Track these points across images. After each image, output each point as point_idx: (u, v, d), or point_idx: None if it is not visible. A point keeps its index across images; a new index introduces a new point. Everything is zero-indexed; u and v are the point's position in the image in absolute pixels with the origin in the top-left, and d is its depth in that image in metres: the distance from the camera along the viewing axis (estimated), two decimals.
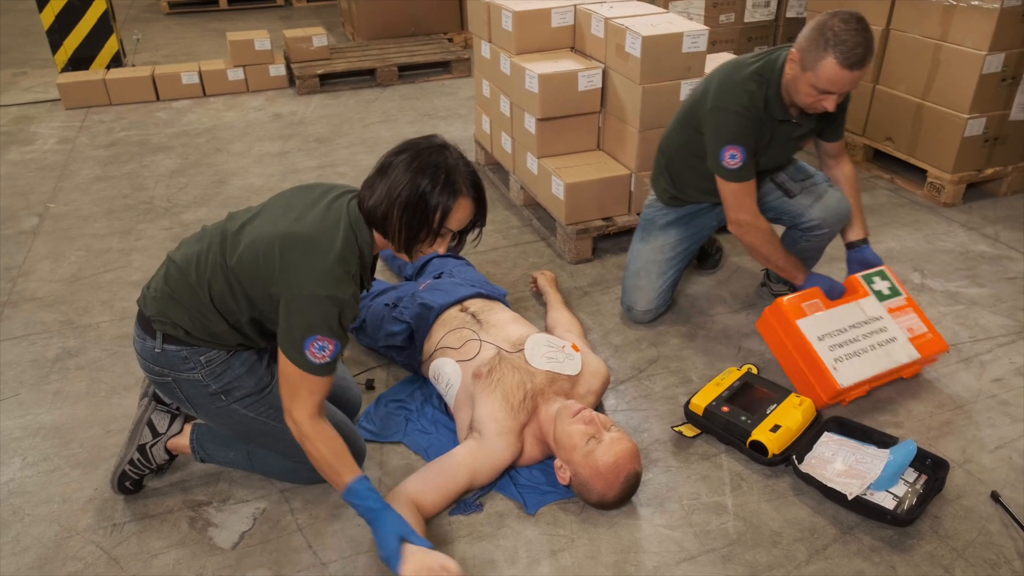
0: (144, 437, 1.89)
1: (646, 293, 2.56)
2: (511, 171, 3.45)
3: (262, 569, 1.75)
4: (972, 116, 3.24)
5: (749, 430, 2.01)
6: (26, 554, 1.80)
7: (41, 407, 2.27)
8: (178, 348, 1.73)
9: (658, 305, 2.58)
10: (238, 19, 7.11)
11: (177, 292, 1.71)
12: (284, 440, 1.82)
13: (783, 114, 2.21)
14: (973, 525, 1.84)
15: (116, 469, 1.88)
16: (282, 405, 1.67)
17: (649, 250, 2.57)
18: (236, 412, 1.80)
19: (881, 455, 1.92)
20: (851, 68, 1.95)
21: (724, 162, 2.20)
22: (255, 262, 1.63)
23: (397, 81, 5.25)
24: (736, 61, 2.25)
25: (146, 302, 1.76)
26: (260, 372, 1.81)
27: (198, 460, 1.94)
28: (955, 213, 3.37)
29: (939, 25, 3.28)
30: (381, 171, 1.63)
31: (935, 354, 2.28)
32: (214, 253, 1.69)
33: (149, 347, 1.74)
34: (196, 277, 1.70)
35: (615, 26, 2.89)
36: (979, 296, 2.76)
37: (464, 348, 2.11)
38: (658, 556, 1.77)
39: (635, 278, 2.57)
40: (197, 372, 1.75)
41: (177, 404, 1.88)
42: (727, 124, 2.17)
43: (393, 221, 1.60)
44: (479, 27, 3.49)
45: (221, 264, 1.68)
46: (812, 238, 2.46)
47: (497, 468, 1.91)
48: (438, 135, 1.72)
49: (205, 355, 1.74)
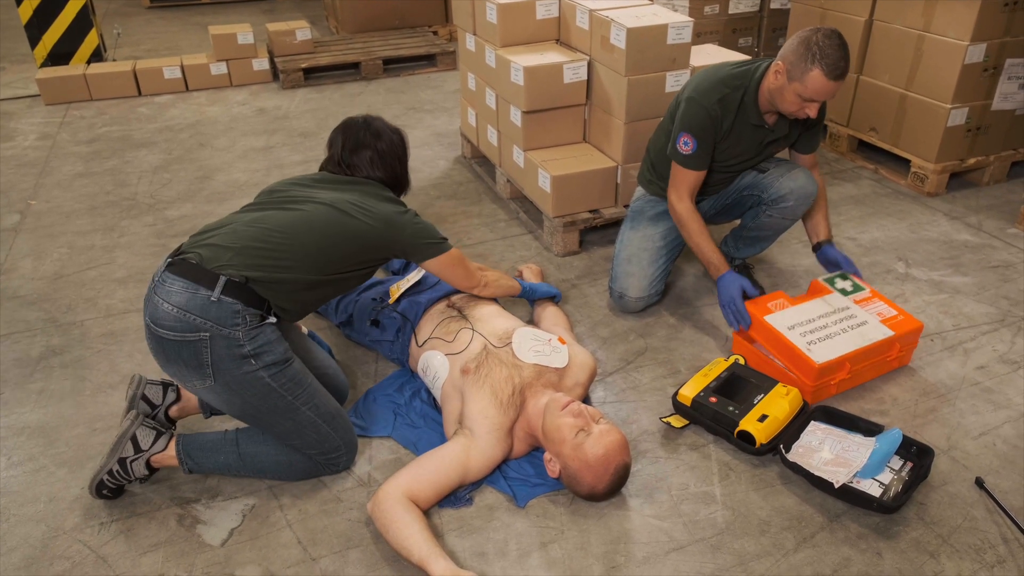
0: (126, 451, 1.85)
1: (638, 280, 2.57)
2: (497, 164, 3.44)
3: (251, 565, 1.75)
4: (955, 106, 3.27)
5: (737, 420, 2.02)
6: (13, 554, 1.78)
7: (25, 406, 2.24)
8: (233, 300, 1.73)
9: (650, 294, 2.59)
10: (220, 13, 7.04)
11: (258, 239, 1.81)
12: (295, 419, 1.84)
13: (757, 119, 2.36)
14: (958, 511, 1.86)
15: (95, 476, 1.85)
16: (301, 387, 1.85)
17: (640, 238, 2.59)
18: (259, 381, 1.77)
19: (867, 443, 1.94)
20: (835, 79, 2.14)
21: (678, 145, 2.38)
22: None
23: (382, 75, 5.23)
24: (720, 64, 2.42)
25: (210, 252, 1.78)
26: (285, 344, 1.84)
27: (186, 471, 1.89)
28: (938, 203, 3.39)
29: (921, 16, 3.30)
30: (358, 148, 2.07)
31: (909, 332, 2.31)
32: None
33: (201, 297, 1.71)
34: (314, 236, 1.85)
35: (600, 18, 2.88)
36: (962, 285, 2.79)
37: (455, 341, 2.11)
38: (648, 546, 1.78)
39: (626, 264, 2.58)
40: (240, 329, 1.73)
41: (189, 373, 1.76)
42: (692, 113, 2.33)
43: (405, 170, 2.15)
44: (464, 20, 3.48)
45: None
46: (776, 212, 2.51)
47: (489, 465, 1.91)
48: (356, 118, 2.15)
49: (250, 313, 1.75)
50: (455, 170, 3.81)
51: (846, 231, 3.15)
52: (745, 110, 2.33)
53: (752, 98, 2.32)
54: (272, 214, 1.89)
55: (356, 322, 2.42)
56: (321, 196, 1.93)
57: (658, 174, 2.57)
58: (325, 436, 1.89)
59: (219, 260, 1.76)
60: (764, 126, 2.38)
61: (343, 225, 1.88)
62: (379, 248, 1.96)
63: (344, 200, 1.92)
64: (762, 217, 2.55)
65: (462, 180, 3.70)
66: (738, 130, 2.36)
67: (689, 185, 2.41)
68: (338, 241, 1.88)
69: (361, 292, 2.46)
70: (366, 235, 1.91)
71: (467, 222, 3.29)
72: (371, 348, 2.43)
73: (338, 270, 1.90)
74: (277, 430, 1.87)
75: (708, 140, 2.33)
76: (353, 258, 1.92)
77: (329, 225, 1.87)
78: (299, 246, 1.83)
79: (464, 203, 3.46)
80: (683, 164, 2.38)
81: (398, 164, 2.13)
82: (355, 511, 1.87)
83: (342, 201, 1.92)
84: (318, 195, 1.94)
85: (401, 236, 1.96)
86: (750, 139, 2.40)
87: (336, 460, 1.94)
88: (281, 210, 1.90)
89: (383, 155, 2.08)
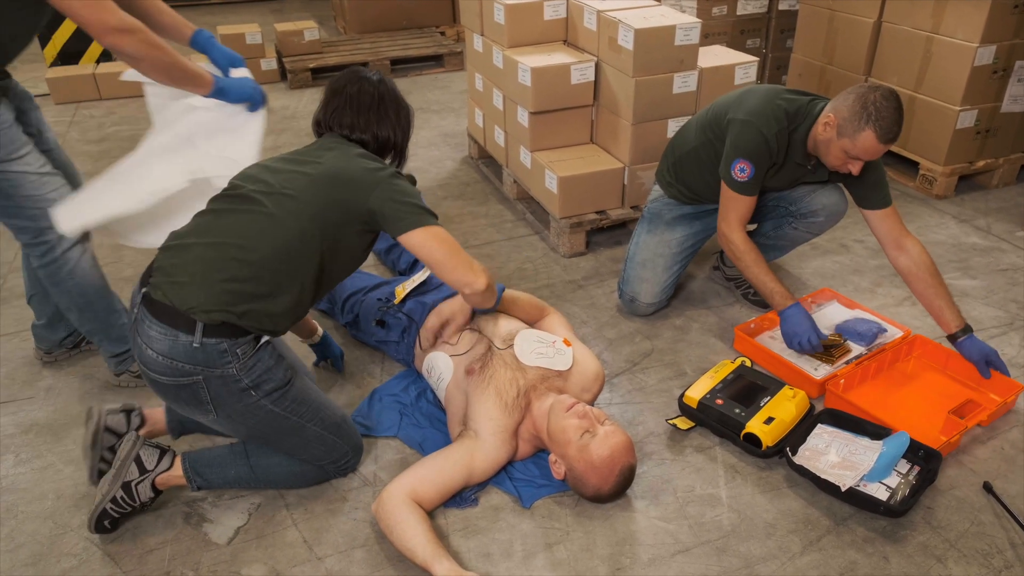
0: (131, 474, 1.77)
1: (651, 286, 2.55)
2: (504, 165, 3.44)
3: (257, 564, 1.75)
4: (964, 108, 3.25)
5: (743, 422, 2.02)
6: (20, 551, 1.79)
7: (34, 404, 2.26)
8: (218, 340, 1.63)
9: (662, 300, 2.58)
10: (229, 13, 7.06)
11: (225, 270, 1.64)
12: (301, 436, 1.82)
13: (801, 159, 2.29)
14: (966, 516, 1.85)
15: (96, 507, 1.75)
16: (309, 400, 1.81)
17: (656, 242, 2.56)
18: (263, 409, 1.73)
19: (874, 447, 1.93)
20: (886, 143, 2.07)
21: (733, 171, 2.27)
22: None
23: (389, 75, 5.23)
24: (776, 89, 2.30)
25: (179, 292, 1.62)
26: (284, 364, 1.78)
27: (195, 488, 1.85)
28: (947, 205, 3.38)
29: (931, 17, 3.29)
30: (376, 107, 1.88)
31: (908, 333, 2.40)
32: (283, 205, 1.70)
33: (183, 344, 1.62)
34: (261, 240, 1.67)
35: (608, 19, 2.88)
36: (971, 288, 2.77)
37: (460, 342, 2.11)
38: (653, 548, 1.77)
39: (640, 269, 2.56)
40: (233, 366, 1.65)
41: (190, 410, 1.73)
42: (750, 139, 2.23)
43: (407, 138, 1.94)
44: (471, 20, 3.48)
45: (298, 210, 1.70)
46: (802, 225, 2.48)
47: (493, 467, 1.91)
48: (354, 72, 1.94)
49: (240, 347, 1.66)
50: (462, 170, 3.81)
51: (853, 234, 3.14)
52: (793, 148, 2.26)
53: (802, 138, 2.24)
54: (230, 223, 1.70)
55: (362, 322, 2.43)
56: (289, 181, 1.73)
57: (679, 177, 2.51)
58: (332, 446, 1.89)
59: (189, 303, 1.62)
60: (806, 166, 2.32)
61: (308, 215, 1.70)
62: (350, 214, 1.73)
63: (310, 180, 1.72)
64: (786, 228, 2.51)
65: (469, 180, 3.70)
66: (781, 164, 2.29)
67: (741, 213, 2.32)
68: (306, 229, 1.69)
69: (367, 292, 2.46)
70: (337, 205, 1.72)
71: (474, 222, 3.29)
72: (377, 348, 2.43)
73: (316, 268, 1.73)
74: (285, 447, 1.85)
75: (763, 168, 2.25)
76: (330, 244, 1.73)
77: (290, 216, 1.69)
78: (266, 262, 1.66)
79: (471, 204, 3.47)
80: (738, 190, 2.28)
81: (400, 134, 1.91)
82: (360, 511, 1.88)
83: (310, 181, 1.72)
84: (286, 181, 1.74)
85: (374, 192, 1.72)
86: (789, 175, 2.34)
87: (345, 466, 1.95)
88: (241, 213, 1.71)
89: (382, 117, 1.87)
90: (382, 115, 1.88)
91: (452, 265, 1.80)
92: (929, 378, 2.30)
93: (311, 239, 1.70)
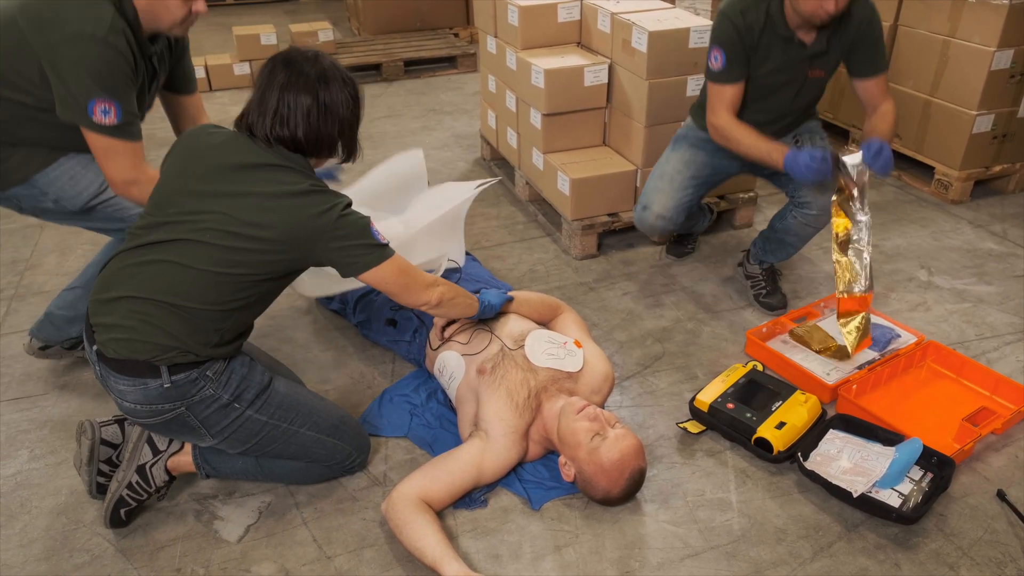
0: (144, 456, 1.80)
1: (665, 197, 2.54)
2: (516, 166, 3.45)
3: (267, 562, 1.76)
4: (980, 113, 3.23)
5: (754, 427, 2.01)
6: (33, 546, 1.81)
7: (48, 400, 2.28)
8: (186, 374, 1.63)
9: (672, 216, 2.55)
10: (244, 13, 7.10)
11: (162, 322, 1.60)
12: (297, 442, 1.82)
13: (786, 30, 2.27)
14: (979, 523, 1.84)
15: (112, 496, 1.77)
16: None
17: (677, 159, 2.56)
18: (251, 420, 1.74)
19: (887, 453, 1.91)
20: None
21: (709, 61, 2.33)
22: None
23: (403, 76, 5.25)
24: None
25: (129, 346, 1.59)
26: (258, 368, 1.78)
27: (203, 476, 1.88)
28: (962, 210, 3.35)
29: (947, 21, 3.26)
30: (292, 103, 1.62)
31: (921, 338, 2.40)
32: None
33: (155, 388, 1.62)
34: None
35: (621, 21, 2.88)
36: (986, 294, 2.75)
37: (472, 342, 2.11)
38: (662, 552, 1.77)
39: (658, 180, 2.57)
40: (208, 388, 1.66)
41: (186, 437, 1.77)
42: (718, 26, 2.29)
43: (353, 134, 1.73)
44: (485, 22, 3.48)
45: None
46: (799, 216, 2.47)
47: (503, 468, 1.91)
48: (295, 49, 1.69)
49: (210, 369, 1.67)
50: (474, 172, 3.82)
51: None
52: (772, 22, 2.25)
53: (778, 9, 2.24)
54: (151, 275, 1.61)
55: (373, 322, 2.43)
56: (204, 215, 1.59)
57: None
58: (333, 448, 1.89)
59: (141, 354, 1.59)
60: (795, 39, 2.27)
61: (234, 262, 1.60)
62: (292, 267, 1.67)
63: (231, 215, 1.58)
64: (788, 219, 2.52)
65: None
66: (767, 43, 2.28)
67: (725, 101, 2.33)
68: (235, 279, 1.62)
69: (379, 292, 2.47)
70: (270, 261, 1.62)
71: (485, 224, 3.30)
72: (388, 348, 2.44)
73: (256, 303, 1.71)
74: (286, 455, 1.85)
75: (737, 53, 2.26)
76: (264, 289, 1.69)
77: (217, 268, 1.60)
78: (200, 312, 1.61)
79: (482, 205, 3.47)
80: (715, 80, 2.32)
81: (342, 127, 1.68)
82: (370, 510, 1.88)
83: (231, 216, 1.58)
84: (201, 213, 1.59)
85: (318, 245, 1.61)
86: (782, 55, 2.30)
87: (351, 466, 1.95)
88: (160, 264, 1.61)
89: (324, 111, 1.63)
90: (321, 110, 1.63)
91: (408, 293, 1.77)
92: (943, 385, 2.28)
93: (243, 287, 1.65)
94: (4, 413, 2.23)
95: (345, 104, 1.66)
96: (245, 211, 1.58)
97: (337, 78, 1.65)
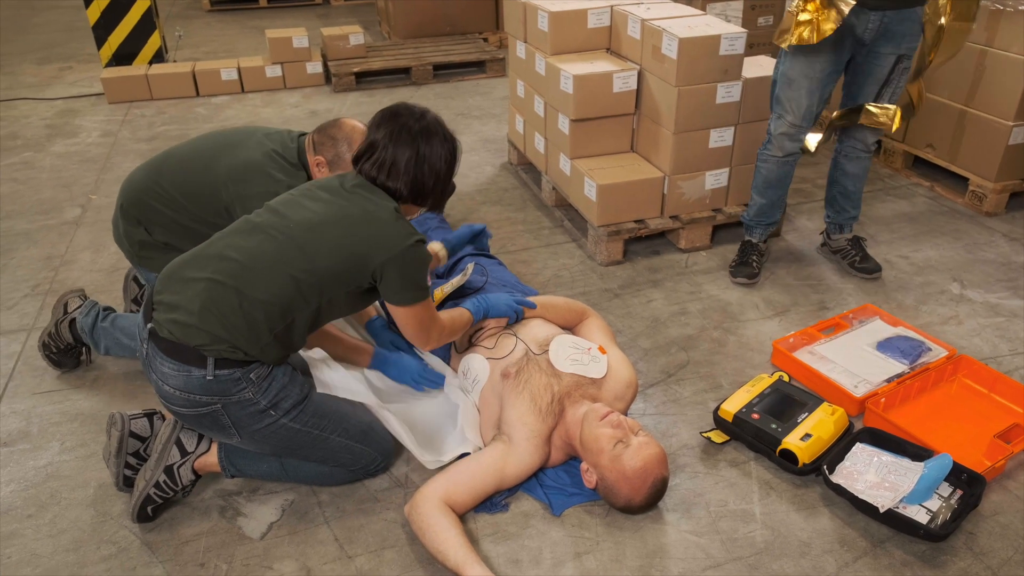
0: (172, 457, 1.83)
1: (799, 104, 2.57)
2: (543, 171, 3.45)
3: (289, 560, 1.77)
4: (1017, 124, 3.17)
5: (779, 438, 1.99)
6: (62, 536, 1.84)
7: (80, 393, 2.32)
8: (230, 371, 1.67)
9: (806, 124, 2.61)
10: (277, 17, 7.20)
11: (225, 311, 1.67)
12: (326, 448, 1.85)
13: None
14: (1009, 543, 1.80)
15: (140, 494, 1.81)
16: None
17: (802, 63, 2.53)
18: (284, 427, 1.77)
19: (915, 468, 1.88)
20: None
21: None
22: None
23: (432, 80, 5.28)
24: None
25: (184, 330, 1.66)
26: (299, 380, 1.81)
27: (228, 476, 1.90)
28: (997, 222, 3.29)
29: (984, 30, 3.21)
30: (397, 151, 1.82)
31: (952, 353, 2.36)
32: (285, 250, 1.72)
33: (197, 377, 1.66)
34: (259, 281, 1.69)
35: (652, 28, 2.87)
36: (1020, 308, 2.69)
37: (497, 346, 2.12)
38: (684, 563, 1.75)
39: (787, 88, 2.58)
40: (248, 391, 1.70)
41: (214, 434, 1.81)
42: None
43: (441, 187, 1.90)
44: (515, 27, 3.50)
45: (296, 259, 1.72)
46: (847, 147, 2.71)
47: (525, 472, 1.91)
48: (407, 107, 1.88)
49: (254, 372, 1.71)
50: (501, 176, 3.83)
51: (899, 249, 3.07)
52: None
53: None
54: (232, 264, 1.71)
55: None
56: (306, 233, 1.74)
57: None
58: (359, 454, 1.91)
59: (196, 340, 1.66)
60: None
61: (312, 269, 1.72)
62: (357, 272, 1.76)
63: (327, 235, 1.73)
64: (839, 159, 2.64)
65: (507, 186, 3.72)
66: None
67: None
68: (306, 282, 1.72)
69: None
70: (347, 260, 1.74)
71: (511, 228, 3.30)
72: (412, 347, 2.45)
73: (313, 313, 1.77)
74: (313, 458, 1.88)
75: None
76: (328, 299, 1.77)
77: (293, 265, 1.72)
78: (263, 307, 1.69)
79: (509, 209, 3.48)
80: None
81: (435, 179, 1.86)
82: (392, 511, 1.89)
83: (328, 236, 1.73)
84: (305, 234, 1.74)
85: (388, 256, 1.74)
86: None
87: (374, 470, 1.97)
88: (244, 252, 1.73)
89: (421, 162, 1.82)
90: (420, 163, 1.82)
91: (416, 337, 1.91)
92: (974, 400, 2.24)
93: (309, 292, 1.73)
94: (37, 405, 2.27)
95: (443, 159, 1.85)
96: (337, 218, 1.76)
97: (439, 134, 1.85)
